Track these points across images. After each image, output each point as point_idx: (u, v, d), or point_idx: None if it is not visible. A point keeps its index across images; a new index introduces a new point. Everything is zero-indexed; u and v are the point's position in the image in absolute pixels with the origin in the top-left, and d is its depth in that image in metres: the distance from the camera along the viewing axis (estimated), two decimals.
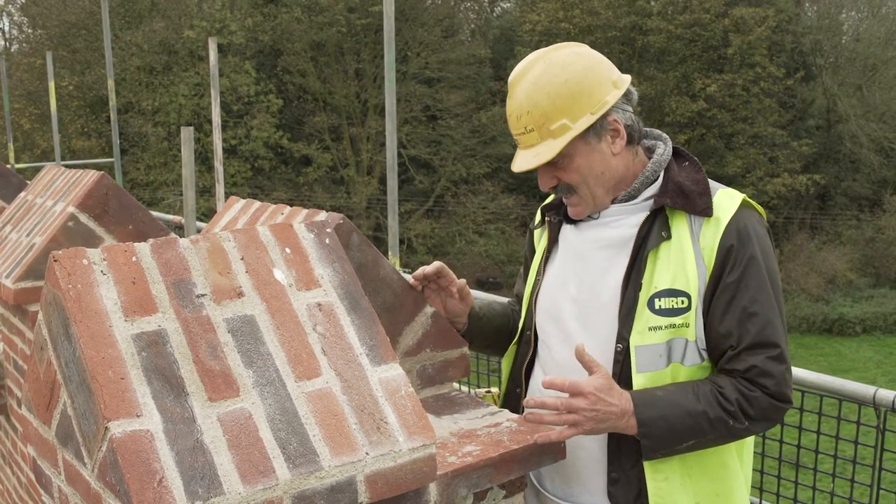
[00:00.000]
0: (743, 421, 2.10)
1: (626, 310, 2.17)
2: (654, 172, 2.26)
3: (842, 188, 35.14)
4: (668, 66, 33.62)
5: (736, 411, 2.09)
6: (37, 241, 2.92)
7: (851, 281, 30.43)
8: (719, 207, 2.17)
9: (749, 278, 2.12)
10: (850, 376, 9.05)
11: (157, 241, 1.59)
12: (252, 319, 1.56)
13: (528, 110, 2.21)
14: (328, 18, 33.30)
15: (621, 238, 2.25)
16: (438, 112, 34.62)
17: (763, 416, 2.12)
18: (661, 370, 2.14)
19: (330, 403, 1.52)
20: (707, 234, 2.15)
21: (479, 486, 1.89)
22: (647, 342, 2.14)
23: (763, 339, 2.11)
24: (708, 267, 2.14)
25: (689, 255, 2.14)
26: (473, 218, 33.56)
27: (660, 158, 2.28)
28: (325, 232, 1.75)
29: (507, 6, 41.70)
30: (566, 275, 2.34)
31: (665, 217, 2.19)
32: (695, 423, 2.08)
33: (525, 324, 2.48)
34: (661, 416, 2.06)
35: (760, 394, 2.10)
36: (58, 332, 1.50)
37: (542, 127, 2.20)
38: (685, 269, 2.14)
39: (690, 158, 2.33)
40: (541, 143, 2.21)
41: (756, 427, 2.15)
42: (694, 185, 2.21)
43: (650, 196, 2.24)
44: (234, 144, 31.56)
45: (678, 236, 2.16)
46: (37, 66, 31.27)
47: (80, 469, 1.50)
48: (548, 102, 2.19)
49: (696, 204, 2.17)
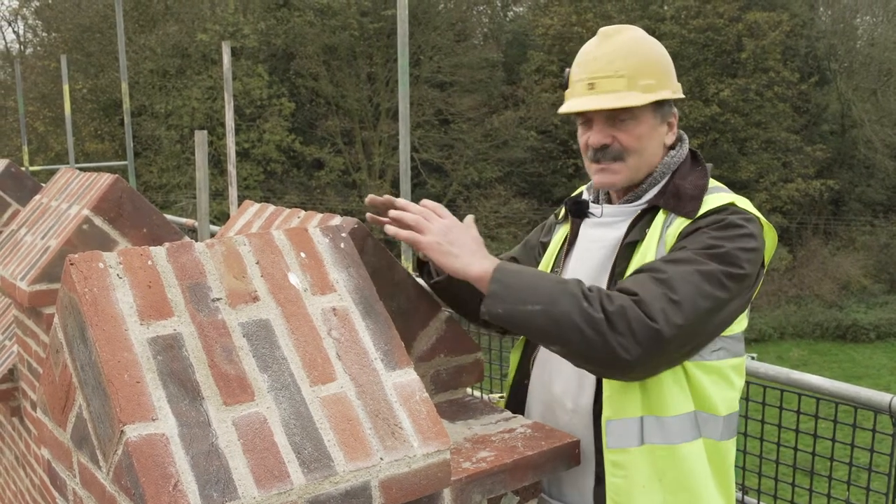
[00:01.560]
0: (598, 310, 1.90)
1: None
2: (662, 174, 2.28)
3: (856, 193, 35.01)
4: (682, 70, 33.51)
5: (594, 297, 1.93)
6: (51, 244, 2.93)
7: (865, 287, 30.32)
8: (703, 207, 2.16)
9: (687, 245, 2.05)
10: (864, 383, 9.01)
11: (173, 244, 1.59)
12: (267, 324, 1.56)
13: (625, 56, 2.22)
14: (341, 22, 33.36)
15: (616, 240, 2.26)
16: (451, 116, 34.64)
17: (623, 321, 1.90)
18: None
19: (345, 408, 1.52)
20: (675, 224, 2.15)
21: (494, 491, 1.88)
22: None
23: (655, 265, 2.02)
24: (667, 250, 2.12)
25: (653, 246, 2.14)
26: (485, 222, 33.50)
27: (670, 160, 2.29)
28: (340, 236, 1.74)
29: (519, 10, 41.72)
30: (575, 273, 2.33)
31: (653, 216, 2.20)
32: (550, 287, 1.95)
33: None
34: (518, 270, 2.01)
35: (626, 298, 1.94)
36: (74, 335, 1.51)
37: (634, 77, 2.20)
38: (645, 259, 2.13)
39: (703, 164, 2.33)
40: (625, 91, 2.20)
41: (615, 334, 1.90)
42: (692, 189, 2.21)
43: (650, 198, 2.26)
44: (246, 148, 31.62)
45: (653, 230, 2.18)
46: (51, 70, 31.41)
47: (95, 472, 1.50)
48: (647, 59, 2.23)
49: (686, 207, 2.17)
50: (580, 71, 2.29)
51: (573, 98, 2.29)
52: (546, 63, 35.07)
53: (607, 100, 2.20)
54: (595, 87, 2.23)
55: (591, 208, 2.37)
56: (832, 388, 3.67)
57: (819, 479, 4.09)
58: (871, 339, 26.97)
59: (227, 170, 9.88)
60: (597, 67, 2.24)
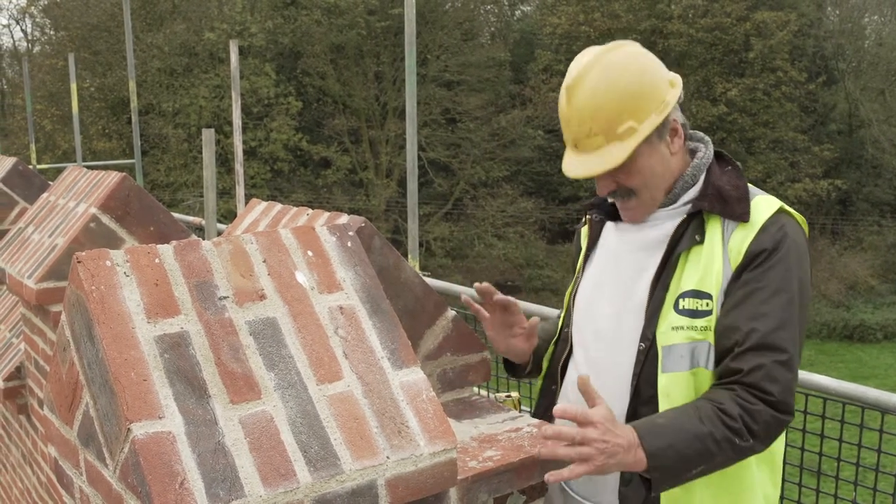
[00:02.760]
0: (747, 438, 1.99)
1: (652, 309, 2.14)
2: (694, 176, 2.23)
3: (863, 193, 34.92)
4: (689, 69, 33.48)
5: (741, 428, 1.99)
6: (59, 242, 2.94)
7: (873, 287, 30.25)
8: (755, 211, 2.13)
9: (770, 280, 2.06)
10: (871, 383, 8.99)
11: (180, 243, 1.59)
12: (274, 322, 1.56)
13: (591, 114, 2.15)
14: (348, 21, 33.36)
15: (655, 240, 2.22)
16: (458, 115, 34.61)
17: (766, 431, 2.02)
18: (682, 371, 2.10)
19: (351, 407, 1.52)
20: (737, 236, 2.12)
21: (500, 490, 1.88)
22: (671, 342, 2.10)
23: (772, 341, 2.03)
24: (733, 268, 2.10)
25: (718, 257, 2.11)
26: (492, 221, 33.52)
27: (700, 162, 2.25)
28: (347, 235, 1.74)
29: (527, 9, 41.70)
30: (603, 275, 2.33)
31: (701, 220, 2.16)
32: (703, 447, 1.98)
33: (564, 321, 2.47)
34: (668, 444, 1.96)
35: (763, 406, 2.00)
36: (81, 333, 1.51)
37: (609, 130, 2.14)
38: (712, 270, 2.11)
39: (733, 163, 2.29)
40: (606, 147, 2.15)
41: (758, 445, 2.03)
42: (734, 190, 2.18)
43: (689, 200, 2.21)
44: (253, 146, 31.65)
45: (710, 239, 2.14)
46: (59, 68, 31.46)
47: (101, 470, 1.50)
48: (613, 105, 2.13)
49: (734, 209, 2.13)
50: (563, 128, 2.26)
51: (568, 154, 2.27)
52: (553, 62, 35.02)
53: (591, 163, 2.17)
54: (579, 147, 2.21)
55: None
56: (839, 389, 3.67)
57: (826, 480, 4.08)
58: (878, 339, 26.90)
59: (235, 168, 9.89)
60: (573, 129, 2.20)
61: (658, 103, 2.16)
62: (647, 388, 2.13)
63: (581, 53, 2.26)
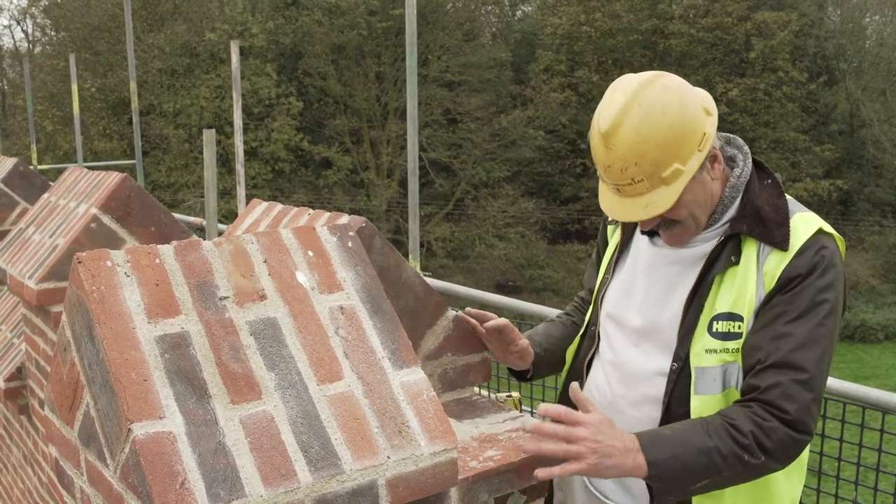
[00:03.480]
0: (759, 455, 1.97)
1: (685, 330, 2.13)
2: (733, 197, 2.18)
3: (865, 194, 34.92)
4: (690, 70, 33.48)
5: (751, 444, 1.97)
6: (59, 243, 2.94)
7: (874, 287, 30.25)
8: (793, 235, 2.09)
9: (800, 302, 2.04)
10: (872, 383, 8.98)
11: (181, 243, 1.59)
12: (274, 322, 1.56)
13: (635, 161, 2.04)
14: (349, 21, 33.38)
15: (692, 257, 2.19)
16: (459, 115, 34.64)
17: (781, 449, 1.99)
18: (715, 395, 2.10)
19: (352, 407, 1.52)
20: (772, 260, 2.08)
21: (501, 490, 1.88)
22: (705, 364, 2.09)
23: (793, 360, 2.01)
24: (766, 290, 2.08)
25: (752, 280, 2.09)
26: (493, 221, 33.54)
27: (737, 182, 2.19)
28: (347, 235, 1.74)
29: (528, 10, 41.72)
30: (633, 283, 2.31)
31: (738, 241, 2.13)
32: (708, 461, 1.96)
33: (591, 319, 2.46)
34: (672, 455, 1.95)
35: (777, 424, 1.98)
36: (81, 333, 1.51)
37: (654, 175, 2.06)
38: (746, 293, 2.09)
39: (772, 176, 2.24)
40: (652, 192, 2.08)
41: (773, 463, 2.01)
42: (773, 211, 2.13)
43: (728, 219, 2.17)
44: (254, 147, 31.68)
45: (746, 261, 2.11)
46: (60, 69, 31.50)
47: (102, 470, 1.50)
48: (657, 151, 2.03)
49: (774, 235, 2.09)
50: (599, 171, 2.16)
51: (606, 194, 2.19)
52: (554, 62, 35.06)
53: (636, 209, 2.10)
54: (623, 192, 2.13)
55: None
56: (840, 389, 3.66)
57: (827, 480, 4.07)
58: (879, 339, 26.89)
59: (236, 169, 9.90)
60: (615, 176, 2.10)
61: (699, 138, 2.07)
62: (678, 407, 2.13)
63: (612, 88, 2.14)
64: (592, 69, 34.77)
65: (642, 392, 2.21)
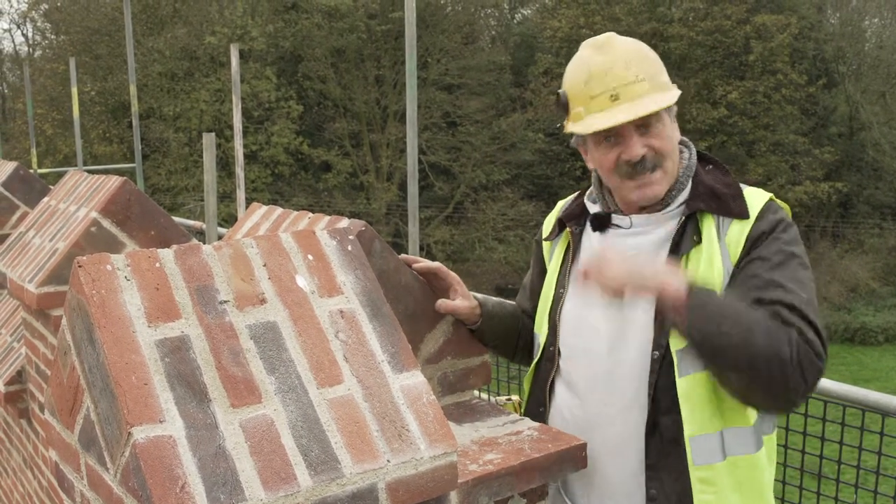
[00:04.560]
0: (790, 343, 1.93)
1: (661, 317, 2.12)
2: (686, 177, 2.23)
3: (864, 196, 34.91)
4: (690, 72, 33.51)
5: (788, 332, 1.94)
6: (59, 247, 2.94)
7: (874, 290, 30.22)
8: (749, 206, 2.14)
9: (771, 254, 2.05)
10: (873, 386, 8.98)
11: (181, 247, 1.59)
12: (274, 326, 1.56)
13: (639, 60, 2.15)
14: (348, 25, 33.40)
15: (653, 245, 2.21)
16: (458, 118, 34.65)
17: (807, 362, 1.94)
18: (700, 372, 2.09)
19: (352, 410, 1.52)
20: (734, 231, 2.12)
21: (500, 494, 1.88)
22: (684, 344, 2.09)
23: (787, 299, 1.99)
24: (733, 262, 2.10)
25: (717, 254, 2.11)
26: (493, 224, 33.53)
27: (688, 163, 2.25)
28: (347, 239, 1.75)
29: (527, 13, 41.73)
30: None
31: (696, 221, 2.16)
32: (750, 320, 1.93)
33: (547, 340, 2.40)
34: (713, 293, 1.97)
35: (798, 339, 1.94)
36: (81, 337, 1.51)
37: (653, 78, 2.15)
38: (712, 269, 2.10)
39: (714, 161, 2.29)
40: (651, 95, 2.13)
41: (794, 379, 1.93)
42: (725, 187, 2.18)
43: (681, 202, 2.21)
44: (254, 150, 31.68)
45: (708, 238, 2.14)
46: (60, 72, 31.50)
47: (102, 474, 1.50)
48: (654, 58, 2.19)
49: (731, 207, 2.13)
50: (596, 84, 2.16)
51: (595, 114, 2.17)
52: (554, 65, 35.02)
53: (641, 106, 2.11)
54: (619, 98, 2.13)
55: (616, 220, 2.29)
56: (840, 391, 3.67)
57: (827, 483, 4.08)
58: (879, 342, 26.86)
59: (235, 172, 9.90)
60: (615, 77, 2.13)
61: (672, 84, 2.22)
62: (664, 396, 2.12)
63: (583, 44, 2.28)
64: None
65: (626, 392, 2.19)
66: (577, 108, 2.20)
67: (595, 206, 2.37)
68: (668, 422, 2.13)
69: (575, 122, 2.22)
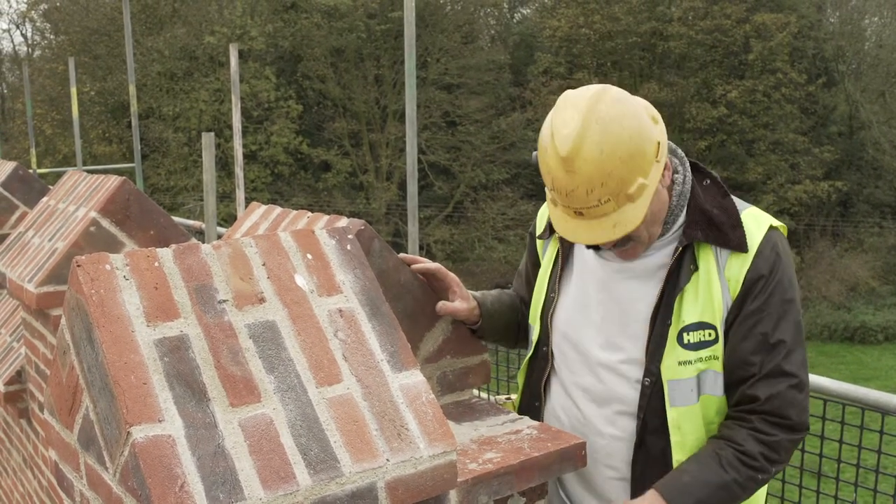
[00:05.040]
0: (769, 470, 2.09)
1: (654, 344, 2.13)
2: (681, 205, 2.17)
3: (864, 195, 34.89)
4: (689, 71, 33.50)
5: (762, 465, 2.07)
6: (59, 246, 2.94)
7: (874, 289, 30.20)
8: (748, 236, 2.11)
9: (772, 305, 2.08)
10: (872, 385, 8.97)
11: (180, 246, 1.59)
12: (273, 325, 1.56)
13: (601, 182, 1.96)
14: (348, 24, 33.37)
15: (648, 270, 2.19)
16: (458, 118, 34.62)
17: (786, 455, 2.12)
18: (692, 405, 2.13)
19: (351, 410, 1.52)
20: (733, 265, 2.10)
21: (500, 493, 1.88)
22: (678, 377, 2.11)
23: (785, 367, 2.08)
24: (732, 296, 2.10)
25: (716, 287, 2.10)
26: (493, 224, 33.51)
27: (683, 189, 2.18)
28: (346, 238, 1.75)
29: (526, 12, 41.71)
30: (587, 300, 2.29)
31: (692, 249, 2.13)
32: (728, 494, 2.06)
33: (541, 339, 2.42)
34: (696, 501, 2.04)
35: (781, 435, 2.08)
36: (80, 336, 1.51)
37: (620, 194, 1.99)
38: (712, 301, 2.10)
39: (710, 175, 2.23)
40: (618, 211, 2.02)
41: (779, 468, 2.13)
42: (723, 213, 2.13)
43: (678, 227, 2.17)
44: (254, 150, 31.66)
45: (705, 268, 2.12)
46: (59, 72, 31.48)
47: (101, 473, 1.50)
48: (622, 168, 1.96)
49: (730, 239, 2.10)
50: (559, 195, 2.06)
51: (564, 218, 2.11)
52: (553, 65, 35.05)
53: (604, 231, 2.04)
54: (585, 215, 2.05)
55: None
56: (839, 390, 3.66)
57: (826, 481, 4.07)
58: (879, 340, 26.85)
59: (235, 172, 9.90)
60: (579, 199, 2.01)
61: (656, 148, 2.02)
62: (654, 419, 2.15)
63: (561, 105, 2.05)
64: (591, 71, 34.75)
65: (616, 409, 2.22)
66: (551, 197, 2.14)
67: None
68: (654, 441, 2.17)
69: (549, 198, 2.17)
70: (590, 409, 2.26)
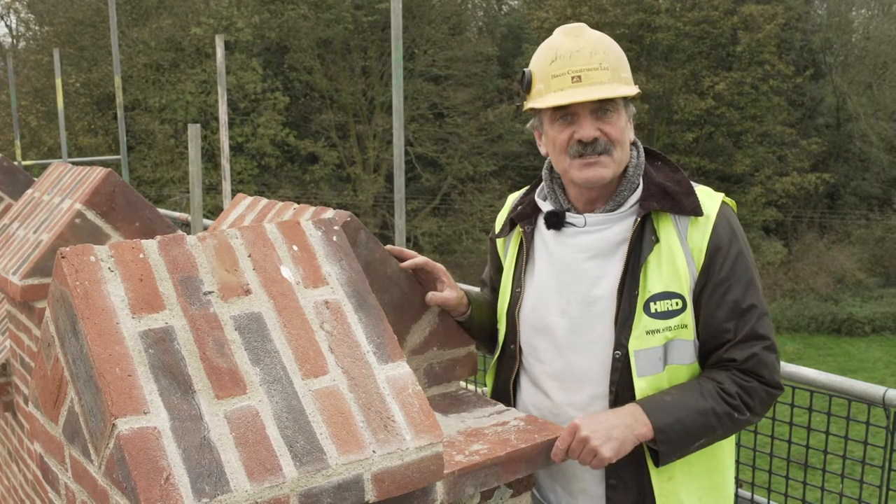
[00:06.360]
0: (745, 412, 2.17)
1: (622, 317, 2.18)
2: (636, 176, 2.28)
3: (851, 187, 35.02)
4: (677, 63, 33.52)
5: (738, 404, 2.15)
6: (44, 238, 2.92)
7: (861, 280, 30.31)
8: (704, 206, 2.20)
9: (739, 274, 2.18)
10: (859, 377, 9.00)
11: (165, 238, 1.58)
12: (259, 317, 1.55)
13: (604, 48, 2.24)
14: (335, 15, 33.28)
15: (609, 245, 2.25)
16: (445, 110, 34.58)
17: (760, 405, 2.21)
18: (659, 373, 2.17)
19: (337, 401, 1.52)
20: (695, 234, 2.19)
21: (487, 484, 1.88)
22: (646, 346, 2.16)
23: (759, 330, 2.18)
24: (697, 266, 2.17)
25: (680, 257, 2.17)
26: (480, 216, 33.49)
27: (637, 161, 2.31)
28: (332, 229, 1.74)
29: (514, 3, 41.67)
30: (551, 286, 2.32)
31: (652, 221, 2.21)
32: (706, 422, 2.12)
33: (507, 338, 2.44)
34: (675, 419, 2.09)
35: (756, 384, 2.17)
36: (65, 329, 1.50)
37: (616, 69, 2.23)
38: (677, 270, 2.17)
39: (662, 158, 2.36)
40: (611, 83, 2.21)
41: (754, 418, 2.22)
42: (676, 185, 2.24)
43: (635, 202, 2.25)
44: (240, 142, 31.56)
45: (666, 238, 2.19)
46: (44, 64, 31.30)
47: (87, 466, 1.49)
48: (620, 54, 2.28)
49: (684, 204, 2.20)
50: (561, 65, 2.25)
51: (555, 92, 2.25)
52: None
53: (600, 90, 2.20)
54: (581, 80, 2.22)
55: (570, 218, 2.32)
56: (826, 381, 3.68)
57: (813, 472, 4.10)
58: (866, 332, 26.95)
59: (221, 164, 9.87)
60: (580, 60, 2.22)
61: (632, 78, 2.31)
62: (625, 393, 2.18)
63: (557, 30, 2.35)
64: None
65: (588, 392, 2.24)
66: (539, 86, 2.30)
67: (546, 204, 2.40)
68: None
69: (534, 99, 2.32)
70: (561, 397, 2.28)
